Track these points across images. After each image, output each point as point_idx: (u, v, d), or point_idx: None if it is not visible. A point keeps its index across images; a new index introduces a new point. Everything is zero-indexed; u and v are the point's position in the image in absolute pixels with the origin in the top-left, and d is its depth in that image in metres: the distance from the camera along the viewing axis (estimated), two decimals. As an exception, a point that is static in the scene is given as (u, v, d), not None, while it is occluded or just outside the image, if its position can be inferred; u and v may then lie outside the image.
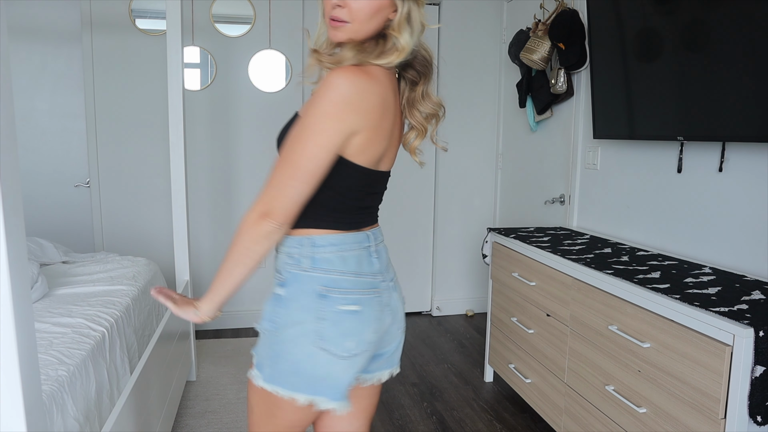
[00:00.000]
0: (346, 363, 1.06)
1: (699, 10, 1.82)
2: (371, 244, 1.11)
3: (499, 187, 3.71)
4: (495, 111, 3.68)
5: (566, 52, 2.60)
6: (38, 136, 3.33)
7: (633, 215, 2.36)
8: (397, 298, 1.16)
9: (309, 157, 0.96)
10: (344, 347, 1.05)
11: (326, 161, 0.98)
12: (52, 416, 1.24)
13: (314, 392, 1.07)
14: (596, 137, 2.45)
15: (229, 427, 2.27)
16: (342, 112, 0.96)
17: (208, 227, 3.41)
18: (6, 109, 0.70)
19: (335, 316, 1.04)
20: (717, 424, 1.34)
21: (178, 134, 2.49)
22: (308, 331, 1.03)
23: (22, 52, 3.24)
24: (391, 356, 1.20)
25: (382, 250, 1.15)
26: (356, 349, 1.07)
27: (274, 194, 0.98)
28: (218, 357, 2.99)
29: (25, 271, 0.75)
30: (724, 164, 1.89)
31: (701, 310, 1.39)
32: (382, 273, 1.12)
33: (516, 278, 2.33)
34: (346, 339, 1.05)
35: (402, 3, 1.02)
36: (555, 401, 2.07)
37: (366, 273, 1.09)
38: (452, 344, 3.27)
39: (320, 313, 1.03)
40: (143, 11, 3.18)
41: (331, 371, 1.06)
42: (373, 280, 1.09)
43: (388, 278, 1.14)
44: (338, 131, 0.96)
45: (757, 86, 1.63)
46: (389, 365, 1.21)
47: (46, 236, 2.88)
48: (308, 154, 0.96)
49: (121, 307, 1.96)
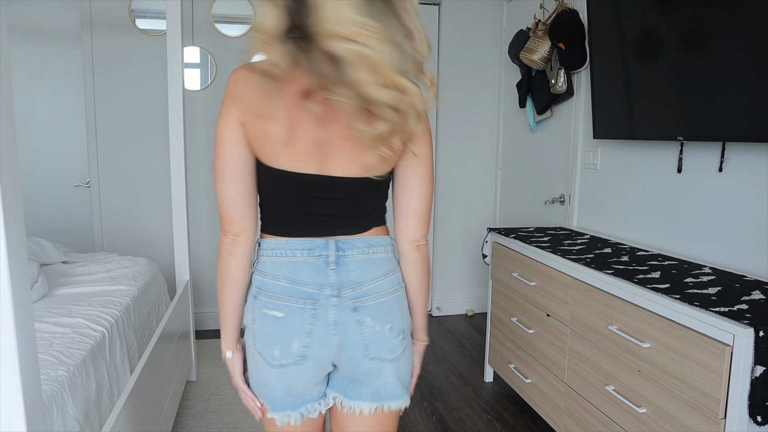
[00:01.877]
0: (276, 372, 1.02)
1: (699, 10, 1.82)
2: (329, 253, 1.00)
3: (499, 187, 3.71)
4: (495, 111, 3.68)
5: (566, 52, 2.60)
6: (38, 136, 3.34)
7: (633, 215, 2.36)
8: (354, 322, 1.01)
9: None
10: (272, 354, 1.01)
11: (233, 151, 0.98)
12: (52, 416, 1.24)
13: (263, 397, 1.08)
14: (596, 137, 2.45)
15: (229, 427, 2.27)
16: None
17: (208, 227, 3.41)
18: (6, 109, 0.70)
19: (261, 319, 1.02)
20: (717, 424, 1.34)
21: (178, 134, 2.49)
22: (249, 331, 1.05)
23: (22, 52, 3.25)
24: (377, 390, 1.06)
25: (352, 263, 1.01)
26: (282, 359, 1.01)
27: (219, 206, 1.02)
28: (218, 357, 2.99)
29: (25, 271, 0.75)
30: (724, 164, 1.88)
31: (701, 310, 1.39)
32: (334, 287, 1.00)
33: (516, 278, 2.33)
34: (273, 346, 1.01)
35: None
36: (555, 401, 2.07)
37: (305, 281, 0.99)
38: (452, 344, 3.26)
39: (253, 314, 1.04)
40: (143, 11, 3.18)
41: (265, 378, 1.04)
42: (312, 291, 0.99)
43: (348, 296, 1.00)
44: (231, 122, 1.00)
45: (757, 86, 1.63)
46: (375, 398, 1.06)
47: (46, 236, 2.89)
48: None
49: (121, 307, 1.96)
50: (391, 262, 1.07)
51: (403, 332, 1.07)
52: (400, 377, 1.08)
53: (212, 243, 3.41)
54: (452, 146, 3.66)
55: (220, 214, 1.01)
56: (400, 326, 1.06)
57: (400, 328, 1.06)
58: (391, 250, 1.08)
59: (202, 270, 3.42)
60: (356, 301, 1.00)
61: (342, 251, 1.01)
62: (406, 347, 1.08)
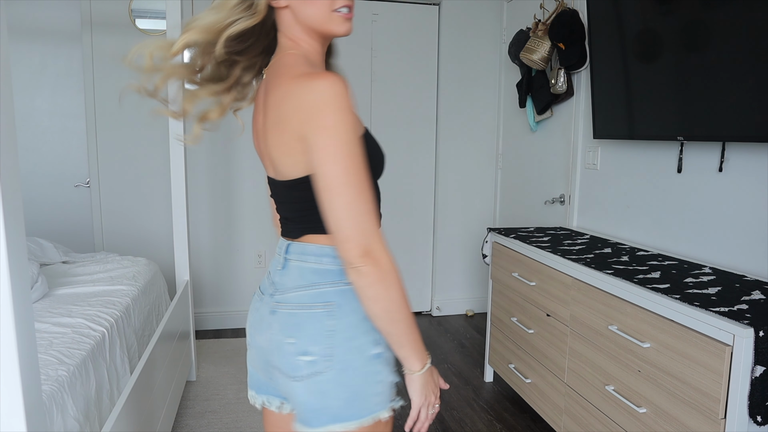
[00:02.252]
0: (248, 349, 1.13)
1: (699, 11, 1.82)
2: (279, 253, 1.05)
3: (499, 187, 3.71)
4: (495, 111, 3.68)
5: (566, 52, 2.60)
6: (38, 136, 3.33)
7: (633, 215, 2.36)
8: (267, 324, 1.00)
9: None
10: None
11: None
12: (52, 416, 1.24)
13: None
14: (596, 137, 2.45)
15: (229, 427, 2.27)
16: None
17: (208, 227, 3.41)
18: (6, 109, 0.70)
19: None
20: (717, 424, 1.34)
21: (178, 134, 2.49)
22: None
23: (22, 52, 3.24)
24: (295, 406, 1.01)
25: (291, 267, 1.01)
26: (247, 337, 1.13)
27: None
28: (218, 357, 2.99)
29: (25, 271, 0.75)
30: (724, 164, 1.88)
31: (701, 310, 1.39)
32: (275, 286, 1.03)
33: (516, 278, 2.33)
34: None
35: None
36: (555, 401, 2.07)
37: (269, 274, 1.09)
38: (452, 344, 3.26)
39: None
40: (143, 11, 3.18)
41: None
42: (266, 285, 1.07)
43: (275, 298, 1.01)
44: None
45: (757, 86, 1.63)
46: (298, 416, 1.01)
47: (46, 236, 2.88)
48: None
49: (121, 307, 1.96)
50: (322, 276, 0.98)
51: (311, 354, 0.95)
52: (308, 403, 0.97)
53: (212, 243, 3.41)
54: (452, 146, 3.66)
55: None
56: (307, 348, 0.96)
57: (304, 349, 0.96)
58: (328, 261, 0.98)
59: (202, 270, 3.42)
60: (277, 305, 1.00)
61: (288, 254, 1.03)
62: (319, 374, 0.95)
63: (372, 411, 0.97)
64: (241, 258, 3.47)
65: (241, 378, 2.73)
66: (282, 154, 0.95)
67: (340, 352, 0.95)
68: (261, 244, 3.49)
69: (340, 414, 0.96)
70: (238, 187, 3.41)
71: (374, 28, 3.48)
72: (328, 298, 0.97)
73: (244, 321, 3.51)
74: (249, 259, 3.48)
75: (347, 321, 0.96)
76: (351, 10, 0.98)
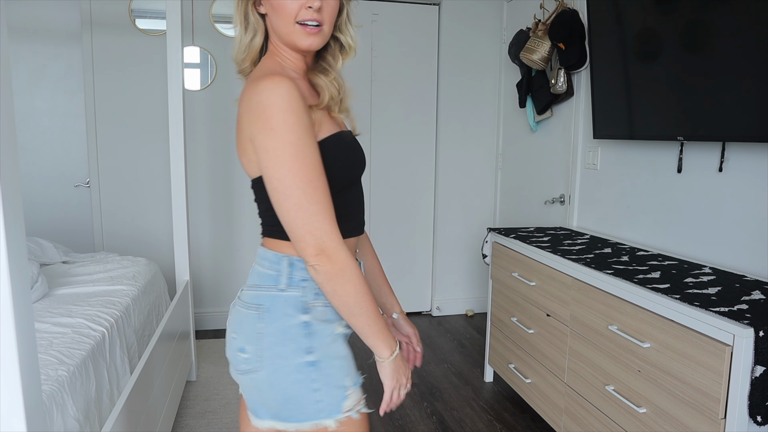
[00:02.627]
0: None
1: (699, 11, 1.82)
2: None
3: (499, 187, 3.71)
4: (495, 111, 3.68)
5: (566, 52, 2.60)
6: (38, 136, 3.33)
7: (633, 215, 2.36)
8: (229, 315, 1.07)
9: None
10: None
11: None
12: (52, 416, 1.24)
13: None
14: (596, 137, 2.45)
15: (229, 427, 2.27)
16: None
17: (208, 227, 3.41)
18: (6, 109, 0.70)
19: None
20: (717, 424, 1.34)
21: (178, 134, 2.49)
22: None
23: (22, 52, 3.25)
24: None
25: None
26: None
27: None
28: (218, 357, 2.99)
29: (25, 271, 0.75)
30: (724, 164, 1.89)
31: (701, 310, 1.39)
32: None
33: (516, 278, 2.33)
34: None
35: (347, 2, 1.03)
36: (555, 401, 2.07)
37: None
38: (452, 344, 3.27)
39: None
40: (143, 11, 3.18)
41: None
42: None
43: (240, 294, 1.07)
44: None
45: (757, 86, 1.63)
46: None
47: (46, 236, 2.89)
48: None
49: (121, 307, 1.96)
50: (264, 279, 1.01)
51: (246, 352, 0.99)
52: (250, 395, 1.02)
53: (212, 243, 3.41)
54: (452, 146, 3.66)
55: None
56: (244, 345, 1.00)
57: (241, 346, 1.00)
58: (270, 266, 1.01)
59: (202, 270, 3.42)
60: (236, 300, 1.06)
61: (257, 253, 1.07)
62: (254, 371, 0.99)
63: (311, 418, 0.99)
64: (241, 258, 3.47)
65: (241, 378, 2.72)
66: (241, 154, 0.99)
67: (268, 356, 0.98)
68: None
69: (278, 413, 1.00)
70: (238, 187, 3.41)
71: (374, 28, 3.48)
72: (260, 301, 1.00)
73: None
74: (249, 259, 3.48)
75: (274, 326, 0.98)
76: (319, 24, 0.96)
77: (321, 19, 0.96)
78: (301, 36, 0.96)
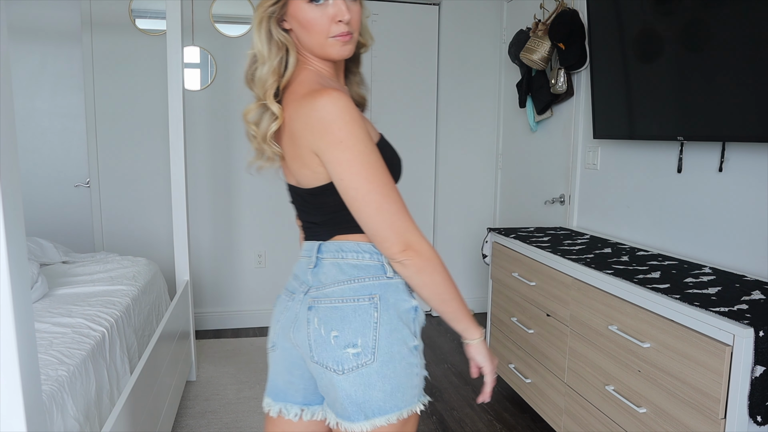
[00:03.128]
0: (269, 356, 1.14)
1: (699, 10, 1.82)
2: (308, 255, 1.07)
3: (499, 187, 3.71)
4: (495, 111, 3.68)
5: (566, 52, 2.60)
6: (38, 136, 3.34)
7: (633, 215, 2.36)
8: (305, 320, 1.02)
9: None
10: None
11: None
12: (52, 416, 1.24)
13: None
14: (596, 137, 2.45)
15: (229, 427, 2.27)
16: None
17: (208, 227, 3.41)
18: (6, 109, 0.70)
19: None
20: (717, 424, 1.34)
21: (178, 134, 2.49)
22: None
23: (22, 52, 3.25)
24: (333, 403, 1.02)
25: (325, 265, 1.04)
26: (268, 343, 1.14)
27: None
28: (218, 357, 2.99)
29: (25, 271, 0.75)
30: (724, 164, 1.88)
31: (701, 310, 1.39)
32: (307, 284, 1.05)
33: (516, 278, 2.33)
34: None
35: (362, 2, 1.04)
36: (555, 401, 2.07)
37: (295, 275, 1.10)
38: (452, 344, 3.27)
39: None
40: (143, 11, 3.18)
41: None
42: (295, 285, 1.08)
43: (311, 295, 1.03)
44: None
45: (757, 86, 1.63)
46: (336, 413, 1.03)
47: (46, 236, 2.88)
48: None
49: (121, 307, 1.96)
50: (364, 270, 1.01)
51: (357, 347, 0.97)
52: (353, 396, 0.98)
53: (212, 243, 3.41)
54: (452, 146, 3.66)
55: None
56: (353, 340, 0.98)
57: (350, 341, 0.98)
58: (368, 257, 1.02)
59: (202, 270, 3.42)
60: (314, 301, 1.02)
61: (320, 253, 1.05)
62: (365, 365, 0.97)
63: (409, 403, 1.02)
64: (241, 258, 3.47)
65: (241, 378, 2.73)
66: (300, 166, 0.99)
67: (384, 344, 0.99)
68: (261, 244, 3.49)
69: (382, 406, 0.99)
70: (238, 187, 3.41)
71: (374, 28, 3.48)
72: (372, 290, 1.00)
73: (245, 321, 3.54)
74: (249, 259, 3.48)
75: (390, 313, 1.00)
76: (350, 33, 0.98)
77: (351, 28, 0.98)
78: (335, 48, 0.99)
